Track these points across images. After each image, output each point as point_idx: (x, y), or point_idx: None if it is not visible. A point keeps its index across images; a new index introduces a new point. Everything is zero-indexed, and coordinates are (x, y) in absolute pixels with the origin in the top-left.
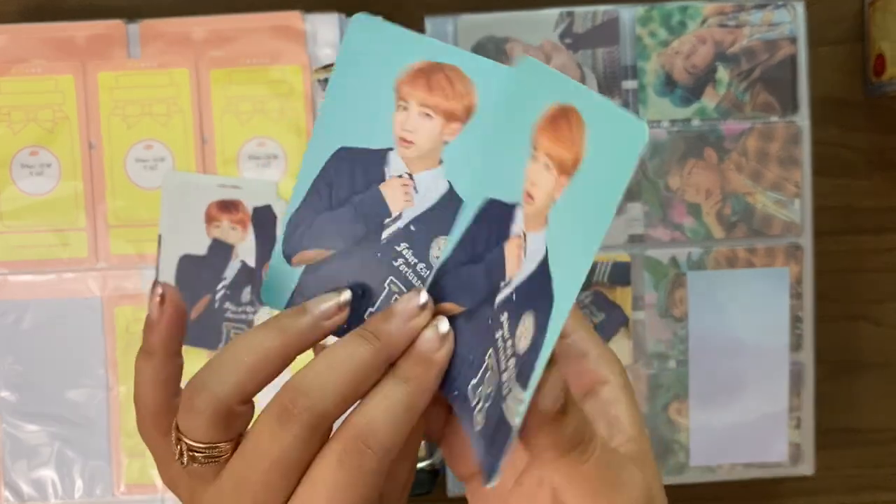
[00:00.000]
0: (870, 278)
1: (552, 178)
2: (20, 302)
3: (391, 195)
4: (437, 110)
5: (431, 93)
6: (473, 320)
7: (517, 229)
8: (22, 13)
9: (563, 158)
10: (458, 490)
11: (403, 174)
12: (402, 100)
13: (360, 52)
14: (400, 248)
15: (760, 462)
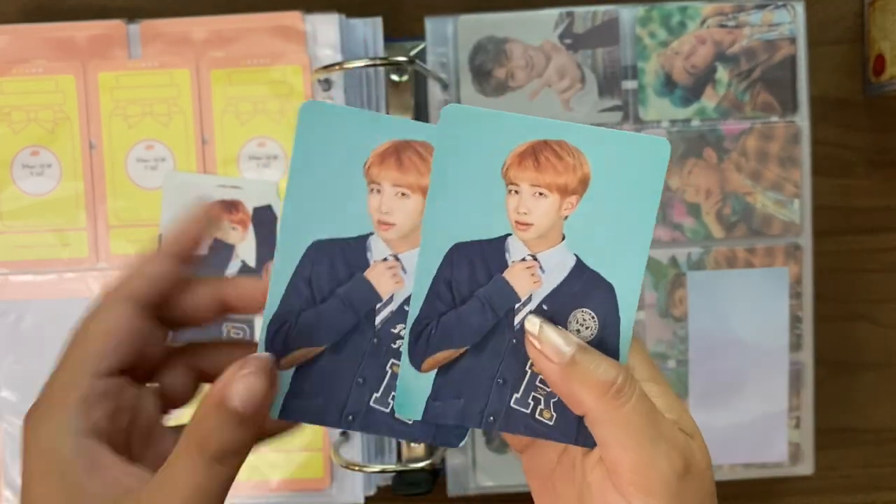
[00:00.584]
0: (869, 278)
1: (551, 201)
2: (21, 302)
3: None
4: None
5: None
6: (487, 351)
7: (518, 255)
8: (22, 13)
9: (561, 182)
10: (458, 490)
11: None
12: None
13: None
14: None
15: (760, 462)
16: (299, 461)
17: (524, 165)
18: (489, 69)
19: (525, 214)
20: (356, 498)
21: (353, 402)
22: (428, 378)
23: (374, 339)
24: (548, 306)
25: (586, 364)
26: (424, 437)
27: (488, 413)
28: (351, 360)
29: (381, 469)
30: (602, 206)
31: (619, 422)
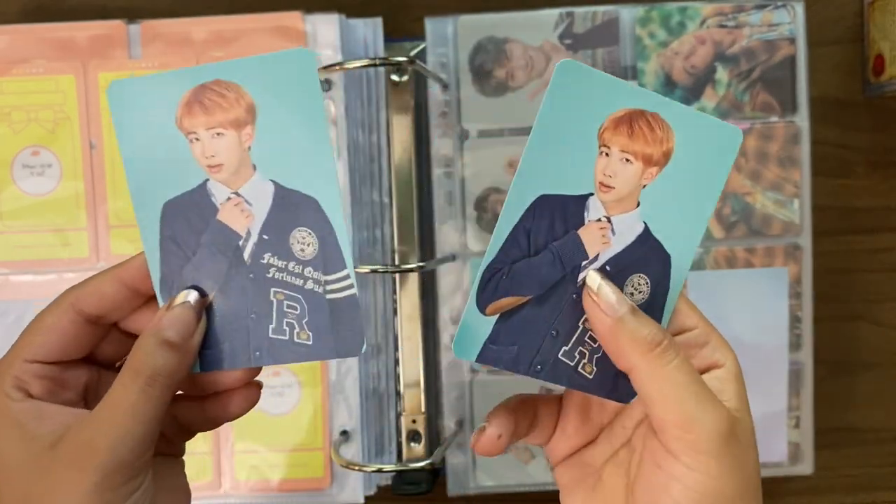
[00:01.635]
0: (869, 278)
1: (635, 168)
2: (21, 302)
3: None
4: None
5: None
6: (549, 302)
7: (595, 214)
8: (23, 13)
9: (647, 152)
10: (458, 490)
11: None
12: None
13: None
14: None
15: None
16: (299, 461)
17: (619, 130)
18: (489, 69)
19: (610, 177)
20: (356, 498)
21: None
22: (489, 322)
23: (249, 273)
24: (610, 267)
25: (636, 323)
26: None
27: (537, 362)
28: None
29: (381, 469)
30: (676, 181)
31: (664, 378)
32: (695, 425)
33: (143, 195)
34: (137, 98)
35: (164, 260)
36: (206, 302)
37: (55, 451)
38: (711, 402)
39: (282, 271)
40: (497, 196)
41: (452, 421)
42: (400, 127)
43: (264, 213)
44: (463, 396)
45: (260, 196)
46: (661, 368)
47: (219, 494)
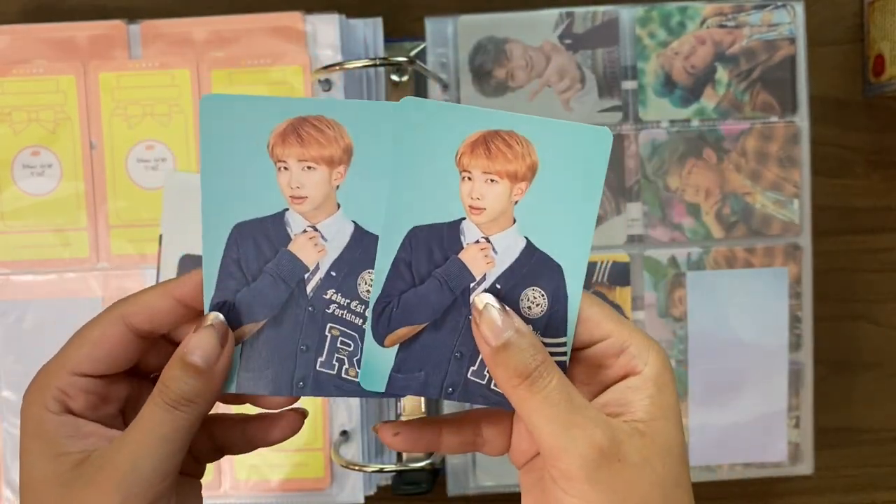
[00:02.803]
0: (868, 278)
1: (502, 186)
2: (21, 302)
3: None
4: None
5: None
6: (444, 326)
7: (472, 237)
8: (23, 14)
9: (511, 169)
10: (457, 490)
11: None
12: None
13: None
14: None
15: (760, 462)
16: (299, 461)
17: (476, 153)
18: (489, 69)
19: (478, 199)
20: (356, 498)
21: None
22: (390, 352)
23: (308, 307)
24: (501, 285)
25: (507, 354)
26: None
27: (448, 384)
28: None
29: (381, 469)
30: (550, 192)
31: (531, 409)
32: (561, 455)
33: (215, 212)
34: (231, 115)
35: (220, 281)
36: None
37: (79, 470)
38: (581, 427)
39: (342, 308)
40: None
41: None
42: None
43: (338, 250)
44: None
45: (337, 234)
46: (528, 400)
47: (219, 494)
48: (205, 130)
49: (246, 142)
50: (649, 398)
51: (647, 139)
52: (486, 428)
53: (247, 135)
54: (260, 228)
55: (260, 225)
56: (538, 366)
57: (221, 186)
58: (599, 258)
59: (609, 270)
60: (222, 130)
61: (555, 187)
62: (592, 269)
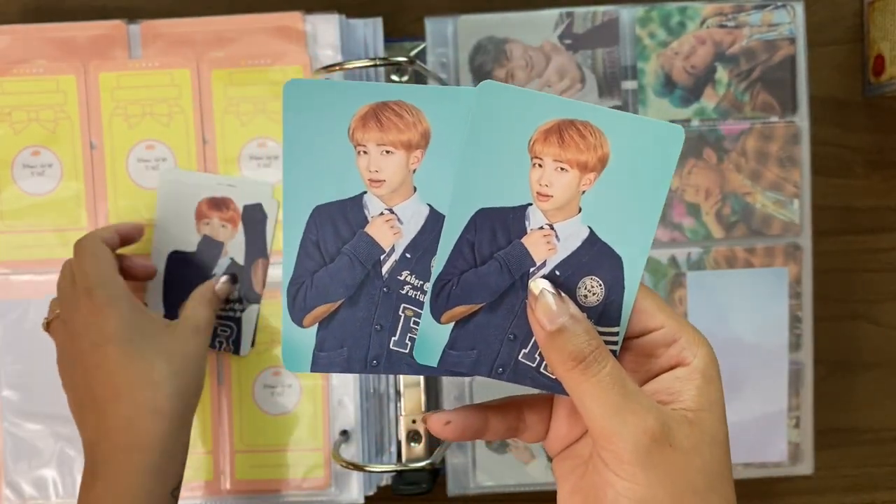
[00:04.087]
0: (868, 278)
1: (571, 176)
2: (22, 301)
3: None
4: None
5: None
6: (500, 308)
7: (537, 223)
8: (23, 14)
9: (582, 159)
10: (457, 490)
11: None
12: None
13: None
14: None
15: (760, 461)
16: (299, 461)
17: (549, 141)
18: (489, 69)
19: (546, 187)
20: (356, 498)
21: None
22: (446, 329)
23: (384, 287)
24: (560, 272)
25: (563, 338)
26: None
27: (498, 364)
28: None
29: (381, 469)
30: (617, 185)
31: (584, 393)
32: (614, 438)
33: (295, 194)
34: (313, 100)
35: (299, 260)
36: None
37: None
38: (633, 412)
39: (416, 290)
40: None
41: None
42: None
43: (413, 233)
44: (463, 396)
45: (413, 217)
46: (582, 384)
47: (219, 494)
48: (288, 115)
49: (327, 126)
50: (697, 389)
51: None
52: (528, 414)
53: (328, 119)
54: (339, 211)
55: (339, 207)
56: (592, 351)
57: (302, 169)
58: None
59: None
60: (304, 115)
61: (623, 180)
62: None
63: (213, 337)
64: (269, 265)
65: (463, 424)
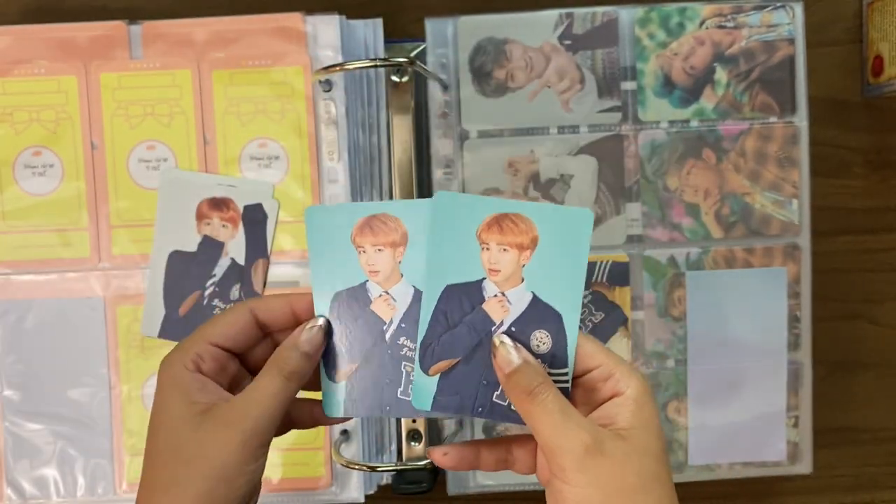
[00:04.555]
0: (867, 278)
1: (512, 254)
2: (23, 301)
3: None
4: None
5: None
6: (474, 360)
7: (491, 292)
8: (24, 14)
9: (518, 241)
10: (458, 489)
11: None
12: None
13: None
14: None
15: (759, 461)
16: (300, 460)
17: (492, 230)
18: (489, 70)
19: (495, 264)
20: (357, 497)
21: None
22: (434, 380)
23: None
24: (515, 328)
25: (517, 376)
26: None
27: (478, 405)
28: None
29: (382, 468)
30: (549, 257)
31: (535, 416)
32: (557, 451)
33: (321, 285)
34: (325, 219)
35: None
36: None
37: (208, 414)
38: (571, 430)
39: (413, 350)
40: (497, 196)
41: (452, 420)
42: (400, 127)
43: (405, 307)
44: None
45: (403, 296)
46: (532, 410)
47: None
48: (310, 232)
49: (337, 236)
50: (630, 412)
51: (647, 139)
52: (516, 449)
53: (338, 231)
54: (351, 295)
55: (351, 292)
56: (538, 385)
57: (324, 268)
58: (599, 258)
59: (608, 270)
60: (321, 231)
61: (552, 253)
62: (592, 269)
63: None
64: (269, 265)
65: (458, 456)
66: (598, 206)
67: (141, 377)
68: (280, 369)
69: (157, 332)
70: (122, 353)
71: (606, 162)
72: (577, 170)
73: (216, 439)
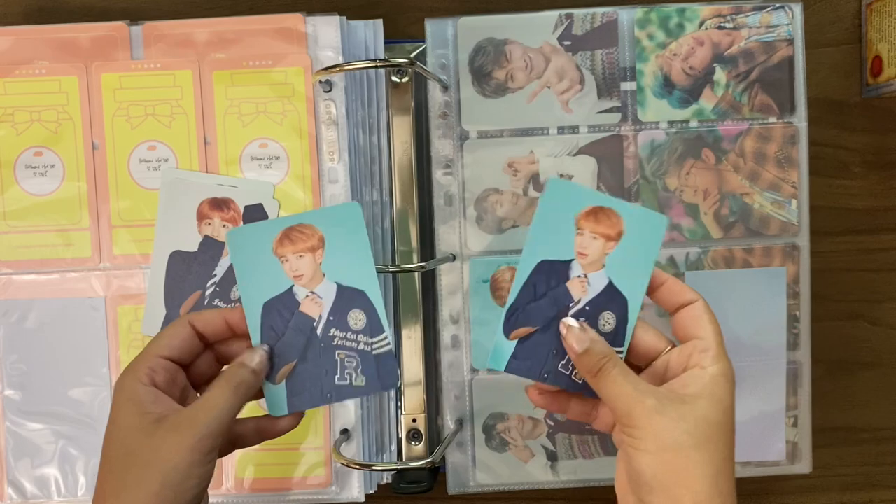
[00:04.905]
0: (866, 278)
1: (601, 243)
2: (24, 301)
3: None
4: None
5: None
6: (549, 331)
7: (576, 273)
8: (25, 15)
9: (607, 233)
10: (457, 488)
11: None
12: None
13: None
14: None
15: (758, 461)
16: (300, 459)
17: (589, 219)
18: (489, 71)
19: (584, 249)
20: (357, 496)
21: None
22: (512, 344)
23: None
24: (589, 307)
25: (587, 355)
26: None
27: (544, 371)
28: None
29: (382, 467)
30: (627, 250)
31: (602, 388)
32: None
33: (251, 298)
34: (247, 238)
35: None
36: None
37: (160, 423)
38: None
39: (343, 339)
40: (496, 196)
41: (452, 420)
42: (400, 128)
43: (330, 302)
44: (463, 396)
45: (327, 292)
46: (602, 382)
47: (220, 493)
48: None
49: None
50: (702, 384)
51: (646, 140)
52: (601, 408)
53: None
54: (279, 301)
55: (279, 299)
56: (606, 361)
57: (250, 282)
58: None
59: None
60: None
61: (631, 248)
62: None
63: None
64: None
65: (552, 398)
66: None
67: None
68: (228, 381)
69: (157, 331)
70: (123, 352)
71: (606, 162)
72: (577, 170)
73: (168, 444)
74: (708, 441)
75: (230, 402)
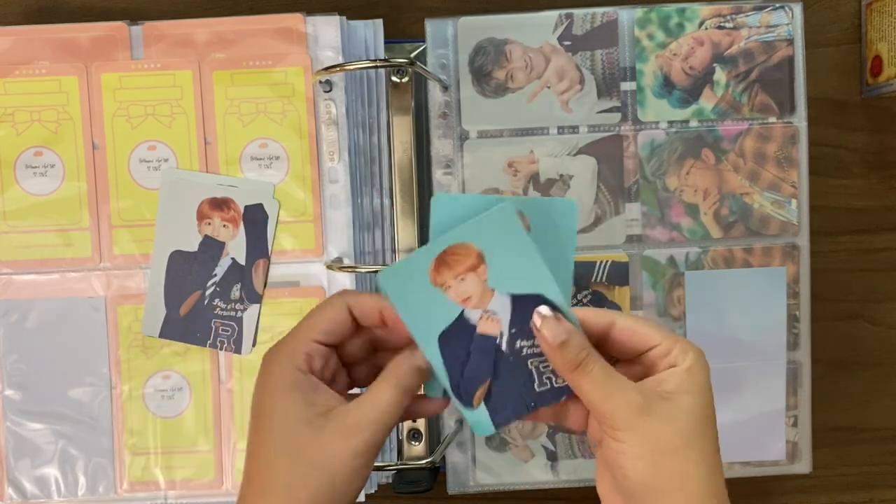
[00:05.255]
0: (866, 278)
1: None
2: (24, 301)
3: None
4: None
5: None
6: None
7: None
8: (25, 15)
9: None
10: (457, 488)
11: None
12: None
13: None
14: None
15: (758, 460)
16: None
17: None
18: (489, 71)
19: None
20: None
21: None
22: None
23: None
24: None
25: (563, 351)
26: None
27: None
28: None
29: (382, 467)
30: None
31: (582, 385)
32: (608, 415)
33: (425, 337)
34: (401, 277)
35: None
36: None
37: (326, 419)
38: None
39: (531, 347)
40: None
41: (452, 420)
42: (400, 128)
43: (507, 316)
44: None
45: (501, 307)
46: (582, 379)
47: (220, 493)
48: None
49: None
50: (680, 379)
51: (646, 140)
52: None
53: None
54: (455, 331)
55: (454, 328)
56: (585, 356)
57: (419, 320)
58: (599, 258)
59: (608, 270)
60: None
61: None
62: (592, 269)
63: (215, 337)
64: (269, 265)
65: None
66: (597, 206)
67: (142, 377)
68: (394, 382)
69: (157, 331)
70: (123, 352)
71: (606, 162)
72: (577, 170)
73: (338, 445)
74: (700, 437)
75: (397, 405)
